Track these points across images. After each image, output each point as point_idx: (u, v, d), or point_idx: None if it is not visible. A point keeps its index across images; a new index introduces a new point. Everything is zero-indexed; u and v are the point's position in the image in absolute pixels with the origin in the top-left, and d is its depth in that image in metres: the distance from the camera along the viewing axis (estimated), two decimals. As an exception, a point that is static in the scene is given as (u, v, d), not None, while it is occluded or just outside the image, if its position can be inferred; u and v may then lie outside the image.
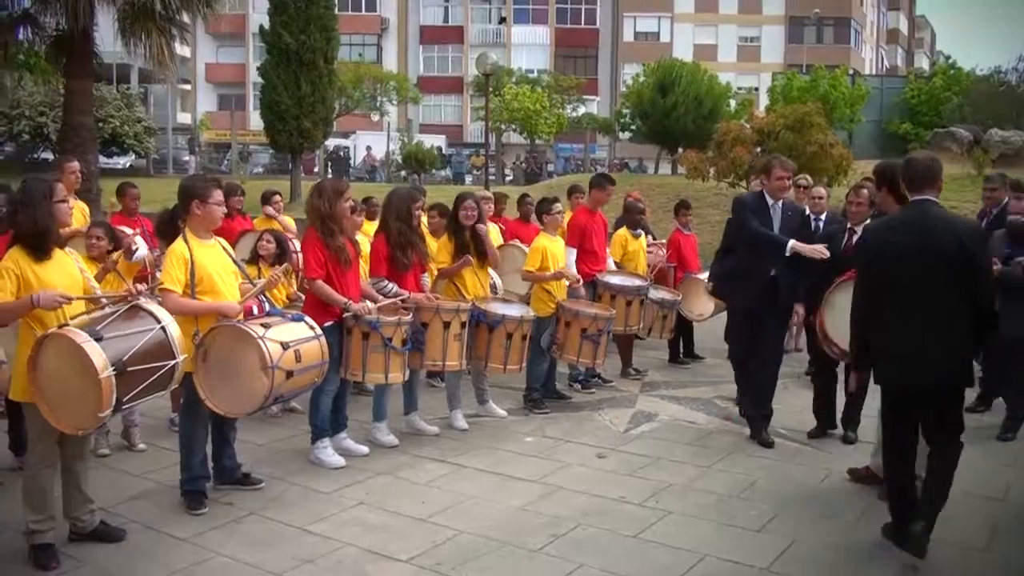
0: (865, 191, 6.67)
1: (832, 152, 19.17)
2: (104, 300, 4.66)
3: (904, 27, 71.58)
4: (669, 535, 5.00)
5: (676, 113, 38.96)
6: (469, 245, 7.08)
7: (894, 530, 4.72)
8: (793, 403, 7.57)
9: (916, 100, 34.51)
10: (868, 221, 6.02)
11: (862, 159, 20.67)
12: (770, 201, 6.69)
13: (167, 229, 6.38)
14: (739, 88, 46.26)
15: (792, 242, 6.41)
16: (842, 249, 6.51)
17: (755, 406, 6.86)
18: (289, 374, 5.13)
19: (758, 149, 19.87)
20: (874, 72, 57.25)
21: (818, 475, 6.05)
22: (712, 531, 5.07)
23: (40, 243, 4.48)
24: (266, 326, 5.18)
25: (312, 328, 5.45)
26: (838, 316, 5.70)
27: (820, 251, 6.30)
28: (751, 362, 6.84)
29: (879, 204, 5.87)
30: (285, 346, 5.12)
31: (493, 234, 7.95)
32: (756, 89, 47.73)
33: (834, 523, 5.19)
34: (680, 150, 37.68)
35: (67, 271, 4.60)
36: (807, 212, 7.61)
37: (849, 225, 6.81)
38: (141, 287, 4.82)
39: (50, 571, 4.47)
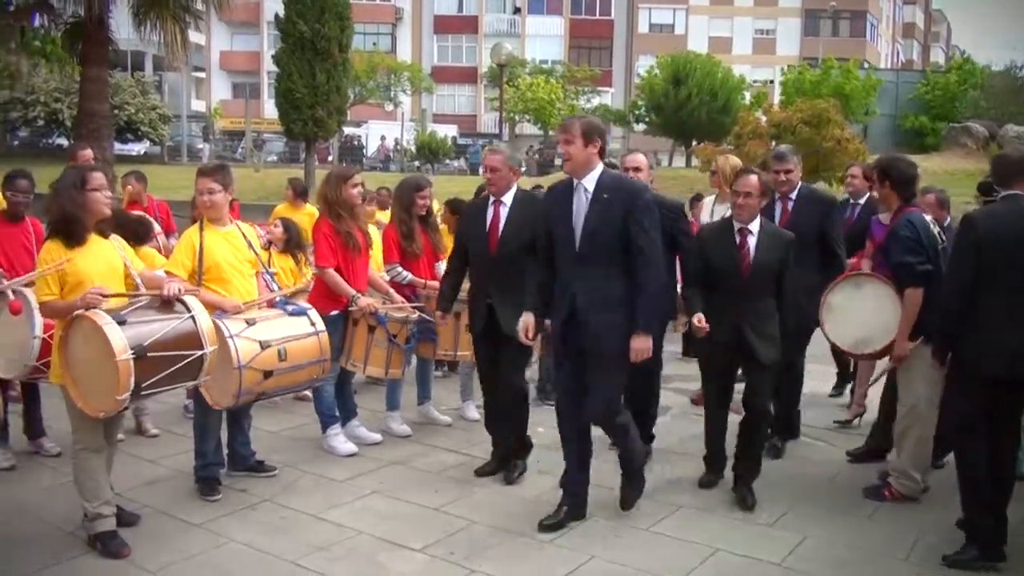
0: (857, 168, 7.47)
1: (848, 147, 19.13)
2: (141, 293, 4.64)
3: (920, 21, 71.15)
4: (680, 529, 5.00)
5: (690, 106, 38.87)
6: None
7: (981, 526, 4.57)
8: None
9: (931, 95, 34.32)
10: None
11: (877, 153, 20.60)
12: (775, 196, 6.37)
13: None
14: (754, 81, 46.06)
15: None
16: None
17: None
18: (268, 373, 5.07)
19: (773, 143, 19.84)
20: (889, 66, 56.93)
21: (831, 470, 6.04)
22: (724, 525, 5.07)
23: (70, 231, 4.51)
24: (250, 323, 5.11)
25: (313, 324, 5.35)
26: (839, 318, 5.63)
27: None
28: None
29: (880, 198, 5.75)
30: (264, 345, 5.05)
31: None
32: (771, 82, 47.52)
33: (847, 519, 5.17)
34: (694, 143, 37.65)
35: (105, 259, 4.62)
36: (835, 199, 6.89)
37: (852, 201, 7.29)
38: (179, 286, 4.73)
39: (123, 558, 4.50)
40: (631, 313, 4.72)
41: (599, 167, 4.84)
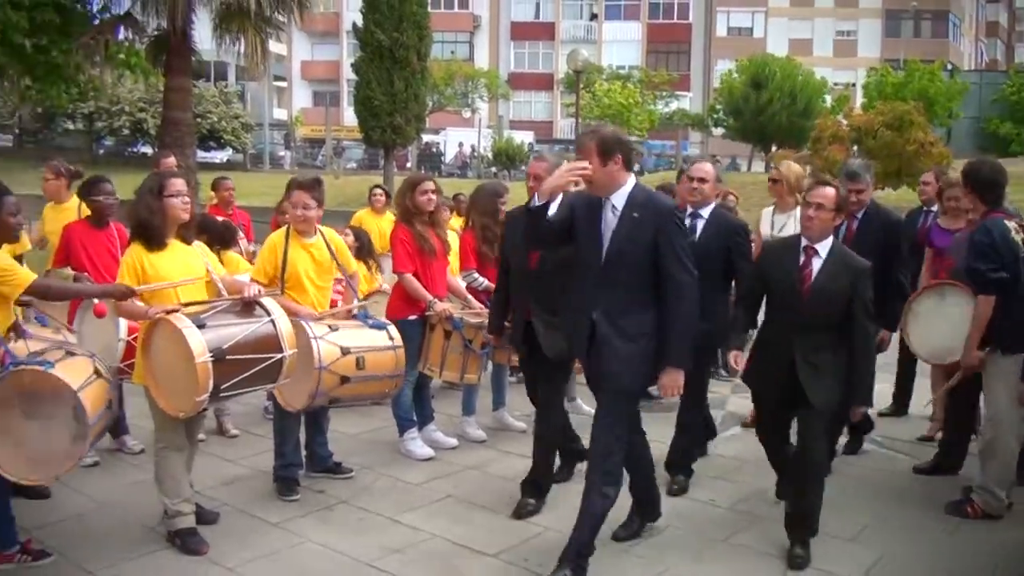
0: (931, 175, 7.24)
1: (932, 151, 18.66)
2: (223, 298, 4.73)
3: (1004, 20, 68.93)
4: (759, 540, 4.90)
5: (770, 109, 38.38)
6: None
7: None
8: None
9: (1017, 96, 33.22)
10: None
11: (961, 157, 20.04)
12: None
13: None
14: (835, 84, 45.21)
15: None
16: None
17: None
18: (345, 379, 5.13)
19: (854, 147, 19.45)
20: (973, 66, 55.37)
21: (913, 485, 5.86)
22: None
23: (149, 235, 4.64)
24: (333, 328, 5.19)
25: (391, 338, 5.39)
26: (922, 328, 5.46)
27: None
28: None
29: (965, 203, 5.58)
30: (345, 351, 5.12)
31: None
32: (852, 85, 46.60)
33: (927, 535, 5.01)
34: (774, 148, 37.08)
35: (186, 264, 4.74)
36: (901, 219, 6.33)
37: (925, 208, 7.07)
38: (259, 288, 4.86)
39: (202, 555, 4.60)
40: (651, 345, 4.27)
41: (629, 182, 4.36)
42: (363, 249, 7.50)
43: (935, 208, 6.99)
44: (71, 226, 6.23)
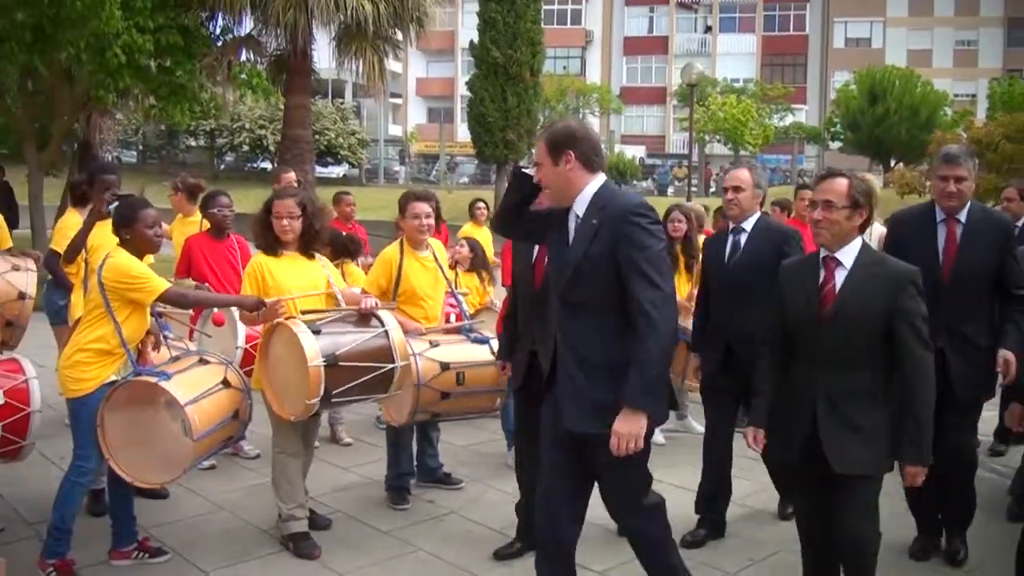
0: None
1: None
2: (341, 308, 4.86)
3: None
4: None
5: (888, 122, 37.28)
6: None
7: None
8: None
9: None
10: None
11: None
12: (938, 216, 4.69)
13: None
14: (955, 95, 43.57)
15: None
16: None
17: None
18: (445, 395, 5.13)
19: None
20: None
21: None
22: (913, 570, 4.74)
23: (263, 246, 4.89)
24: (434, 344, 5.20)
25: (494, 353, 5.27)
26: None
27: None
28: None
29: None
30: (444, 366, 5.11)
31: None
32: (974, 96, 44.85)
33: None
34: (892, 162, 35.96)
35: (307, 276, 4.91)
36: (1011, 223, 5.11)
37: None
38: (375, 300, 4.92)
39: (314, 559, 4.71)
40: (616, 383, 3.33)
41: (593, 183, 3.52)
42: (477, 260, 7.55)
43: (1020, 223, 6.57)
44: (192, 238, 6.47)
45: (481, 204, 10.36)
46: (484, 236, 9.27)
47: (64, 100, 16.04)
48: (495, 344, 5.25)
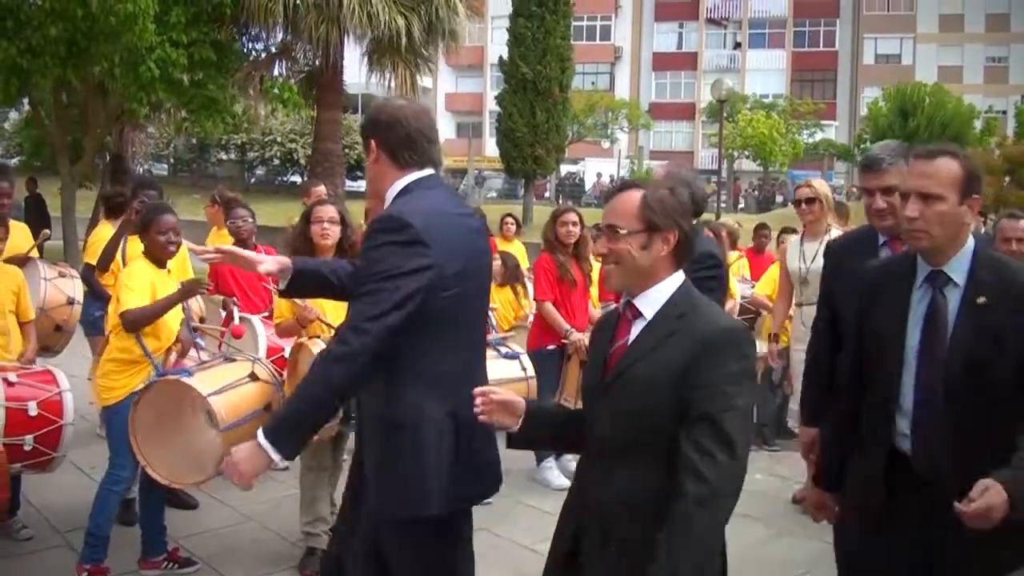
0: None
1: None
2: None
3: None
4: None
5: (919, 139, 36.94)
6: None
7: None
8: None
9: None
10: None
11: None
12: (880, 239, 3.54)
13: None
14: (985, 112, 43.22)
15: None
16: None
17: None
18: None
19: (1007, 179, 18.43)
20: None
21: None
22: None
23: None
24: None
25: (524, 368, 5.23)
26: None
27: None
28: None
29: None
30: None
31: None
32: (1004, 112, 44.43)
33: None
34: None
35: None
36: None
37: None
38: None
39: None
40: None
41: (401, 181, 2.83)
42: (510, 274, 7.54)
43: None
44: (217, 252, 6.47)
45: (510, 219, 10.35)
46: (518, 250, 9.27)
47: (97, 113, 16.26)
48: (526, 360, 5.22)
